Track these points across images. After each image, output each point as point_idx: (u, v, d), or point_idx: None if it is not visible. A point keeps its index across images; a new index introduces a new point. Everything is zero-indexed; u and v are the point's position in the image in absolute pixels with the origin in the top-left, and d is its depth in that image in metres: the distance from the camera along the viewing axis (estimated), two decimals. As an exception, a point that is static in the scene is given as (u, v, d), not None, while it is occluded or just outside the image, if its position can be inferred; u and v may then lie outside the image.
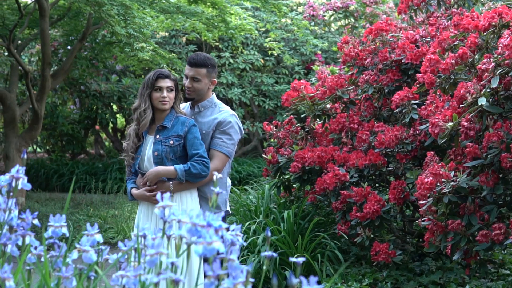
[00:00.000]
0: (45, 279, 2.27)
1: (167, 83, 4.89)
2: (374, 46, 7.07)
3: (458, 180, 5.05)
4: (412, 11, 7.51)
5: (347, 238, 6.63)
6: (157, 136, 4.89)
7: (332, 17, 15.08)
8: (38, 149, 19.08)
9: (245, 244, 2.65)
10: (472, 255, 5.26)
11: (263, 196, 7.73)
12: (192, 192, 4.92)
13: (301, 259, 2.47)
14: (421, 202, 5.24)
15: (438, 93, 5.78)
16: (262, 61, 15.75)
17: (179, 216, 2.43)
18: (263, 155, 7.83)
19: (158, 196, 2.57)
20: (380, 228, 6.39)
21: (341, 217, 6.59)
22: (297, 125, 7.66)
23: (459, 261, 6.08)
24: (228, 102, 16.09)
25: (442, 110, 5.42)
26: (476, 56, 5.39)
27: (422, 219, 5.38)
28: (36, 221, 2.66)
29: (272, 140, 7.81)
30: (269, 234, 2.66)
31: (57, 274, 2.50)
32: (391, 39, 7.07)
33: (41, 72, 11.24)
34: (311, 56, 15.70)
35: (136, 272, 2.36)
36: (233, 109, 15.63)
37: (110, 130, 17.76)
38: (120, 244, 2.67)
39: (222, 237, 2.25)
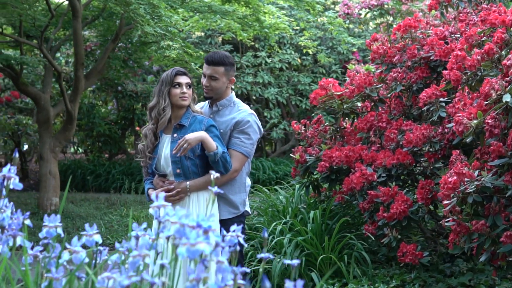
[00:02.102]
0: (25, 280, 2.21)
1: (185, 79, 4.87)
2: (402, 43, 6.95)
3: (482, 179, 4.91)
4: (443, 7, 7.35)
5: (373, 239, 6.50)
6: (175, 135, 4.84)
7: (368, 15, 14.93)
8: (79, 150, 19.20)
9: (246, 245, 2.56)
10: (499, 256, 5.11)
11: (293, 196, 7.64)
12: (210, 192, 4.84)
13: (295, 261, 2.39)
14: (445, 202, 5.09)
15: (466, 91, 5.63)
16: (299, 60, 15.66)
17: (172, 216, 2.36)
18: (291, 155, 7.73)
19: (153, 195, 2.52)
20: (408, 229, 6.26)
21: (368, 218, 6.47)
22: (326, 124, 7.56)
23: (489, 263, 5.93)
24: (265, 101, 16.04)
25: (470, 107, 5.28)
26: (503, 52, 5.23)
27: (446, 220, 5.24)
28: (28, 221, 2.61)
29: (301, 139, 7.72)
30: (266, 235, 2.58)
31: (48, 275, 2.45)
32: (420, 35, 6.94)
33: (74, 72, 11.29)
34: (348, 55, 15.58)
35: (124, 274, 2.29)
36: (270, 109, 15.61)
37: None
38: (117, 244, 2.62)
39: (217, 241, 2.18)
